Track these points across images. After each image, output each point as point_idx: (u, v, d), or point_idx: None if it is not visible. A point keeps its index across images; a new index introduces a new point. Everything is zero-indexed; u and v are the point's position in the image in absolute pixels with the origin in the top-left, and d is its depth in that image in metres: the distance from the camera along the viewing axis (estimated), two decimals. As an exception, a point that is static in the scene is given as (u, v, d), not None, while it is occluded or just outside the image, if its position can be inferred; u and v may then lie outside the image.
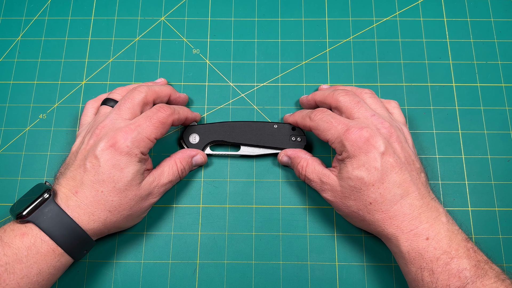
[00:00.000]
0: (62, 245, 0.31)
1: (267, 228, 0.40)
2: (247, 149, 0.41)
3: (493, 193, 0.40)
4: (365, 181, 0.33)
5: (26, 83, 0.44)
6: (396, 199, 0.32)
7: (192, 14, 0.47)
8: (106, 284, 0.38)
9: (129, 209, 0.34)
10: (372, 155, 0.33)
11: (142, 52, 0.46)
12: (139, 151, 0.33)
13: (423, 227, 0.32)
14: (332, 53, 0.46)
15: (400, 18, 0.47)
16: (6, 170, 0.41)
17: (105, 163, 0.32)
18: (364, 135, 0.33)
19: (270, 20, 0.47)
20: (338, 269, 0.38)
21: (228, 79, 0.45)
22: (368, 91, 0.39)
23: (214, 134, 0.41)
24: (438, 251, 0.30)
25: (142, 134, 0.34)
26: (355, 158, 0.33)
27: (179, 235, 0.39)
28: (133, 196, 0.34)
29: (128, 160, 0.33)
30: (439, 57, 0.45)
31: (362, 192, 0.33)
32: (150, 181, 0.35)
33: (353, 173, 0.33)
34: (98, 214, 0.32)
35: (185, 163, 0.38)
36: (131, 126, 0.34)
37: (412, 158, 0.34)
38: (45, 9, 0.47)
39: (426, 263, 0.31)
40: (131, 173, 0.33)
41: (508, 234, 0.39)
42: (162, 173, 0.36)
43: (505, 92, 0.44)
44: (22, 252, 0.30)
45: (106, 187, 0.32)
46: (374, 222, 0.33)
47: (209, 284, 0.38)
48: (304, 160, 0.38)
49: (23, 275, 0.29)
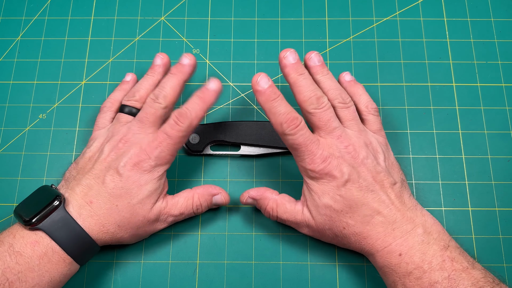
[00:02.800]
0: (72, 254, 0.31)
1: (267, 228, 0.40)
2: (248, 149, 0.41)
3: (493, 193, 0.40)
4: (333, 208, 0.33)
5: (26, 83, 0.44)
6: (367, 220, 0.32)
7: (192, 14, 0.47)
8: (106, 284, 0.38)
9: (136, 228, 0.34)
10: (335, 184, 0.32)
11: (142, 52, 0.46)
12: (163, 169, 0.34)
13: (396, 243, 0.31)
14: (332, 53, 0.46)
15: (400, 18, 0.47)
16: (6, 170, 0.41)
17: (127, 180, 0.33)
18: (327, 167, 0.32)
19: (270, 20, 0.47)
20: (338, 269, 0.38)
21: (228, 79, 0.45)
22: (341, 100, 0.36)
23: (214, 134, 0.41)
24: (411, 265, 0.30)
25: (164, 152, 0.33)
26: (318, 188, 0.33)
27: (179, 235, 0.39)
28: (142, 217, 0.34)
29: (149, 178, 0.33)
30: (439, 57, 0.45)
31: (334, 219, 0.33)
32: (162, 207, 0.35)
33: (320, 201, 0.33)
34: (108, 227, 0.33)
35: (203, 199, 0.36)
36: (153, 143, 0.33)
37: (382, 175, 0.33)
38: (45, 9, 0.47)
39: (399, 278, 0.31)
40: (148, 190, 0.33)
41: (508, 234, 0.39)
42: (176, 204, 0.35)
43: (505, 92, 0.44)
44: (34, 261, 0.30)
45: (122, 202, 0.32)
46: (351, 244, 0.34)
47: (209, 284, 0.38)
48: (273, 201, 0.36)
49: (34, 284, 0.30)
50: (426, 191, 0.41)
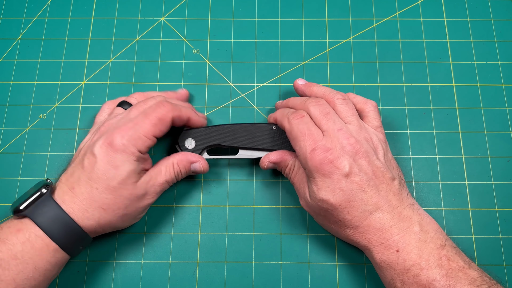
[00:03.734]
0: (56, 239, 0.31)
1: (267, 228, 0.40)
2: (246, 153, 0.39)
3: (493, 193, 0.40)
4: (331, 202, 0.33)
5: (26, 83, 0.44)
6: (365, 216, 0.32)
7: (192, 14, 0.47)
8: (106, 284, 0.38)
9: (124, 208, 0.33)
10: (336, 177, 0.32)
11: (142, 52, 0.46)
12: (136, 149, 0.33)
13: (393, 239, 0.31)
14: (332, 53, 0.46)
15: (400, 18, 0.47)
16: (6, 170, 0.41)
17: (101, 160, 0.32)
18: (329, 157, 0.32)
19: (270, 20, 0.47)
20: (338, 269, 0.38)
21: (228, 79, 0.45)
22: (340, 97, 0.37)
23: (210, 139, 0.39)
24: (408, 262, 0.30)
25: (139, 132, 0.33)
26: (319, 179, 0.33)
27: (179, 235, 0.39)
28: (128, 195, 0.33)
29: (123, 158, 0.33)
30: (439, 57, 0.45)
31: (331, 212, 0.33)
32: (147, 180, 0.34)
33: (318, 195, 0.33)
34: (92, 212, 0.32)
35: (182, 166, 0.37)
36: (129, 124, 0.34)
37: (381, 170, 0.33)
38: (45, 9, 0.47)
39: (397, 275, 0.31)
40: (126, 171, 0.33)
41: (508, 234, 0.39)
42: (159, 172, 0.35)
43: (505, 92, 0.44)
44: (17, 247, 0.30)
45: (100, 184, 0.32)
46: (347, 236, 0.34)
47: (209, 284, 0.38)
48: (293, 162, 0.38)
49: (18, 271, 0.29)
50: (426, 191, 0.41)
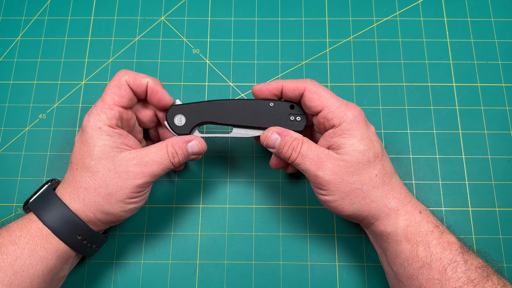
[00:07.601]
0: (48, 224, 0.31)
1: (267, 228, 0.40)
2: (240, 131, 0.36)
3: (493, 193, 0.40)
4: (372, 152, 0.33)
5: (25, 83, 0.44)
6: (393, 172, 0.34)
7: (192, 14, 0.47)
8: (106, 284, 0.38)
9: (105, 186, 0.32)
10: (372, 129, 0.34)
11: (142, 52, 0.46)
12: (103, 124, 0.33)
13: (414, 201, 0.33)
14: (332, 53, 0.46)
15: (400, 18, 0.47)
16: (6, 170, 0.41)
17: (76, 143, 0.34)
18: (361, 111, 0.34)
19: (270, 20, 0.47)
20: (338, 269, 0.38)
21: (228, 79, 0.45)
22: None
23: (202, 115, 0.36)
24: (431, 224, 0.32)
25: (100, 106, 0.34)
26: (358, 130, 0.33)
27: (179, 235, 0.39)
28: (106, 170, 0.33)
29: (93, 135, 0.33)
30: (439, 57, 0.45)
31: (369, 164, 0.33)
32: (129, 158, 0.33)
33: (359, 146, 0.33)
34: (77, 192, 0.33)
35: (177, 147, 0.35)
36: (94, 105, 0.35)
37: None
38: (45, 9, 0.47)
39: (422, 237, 0.31)
40: (97, 146, 0.33)
41: (508, 234, 0.39)
42: (147, 152, 0.34)
43: (505, 92, 0.44)
44: (16, 233, 0.31)
45: (78, 164, 0.33)
46: (378, 198, 0.32)
47: (209, 284, 0.38)
48: (297, 140, 0.34)
49: (16, 257, 0.30)
50: (426, 191, 0.41)
